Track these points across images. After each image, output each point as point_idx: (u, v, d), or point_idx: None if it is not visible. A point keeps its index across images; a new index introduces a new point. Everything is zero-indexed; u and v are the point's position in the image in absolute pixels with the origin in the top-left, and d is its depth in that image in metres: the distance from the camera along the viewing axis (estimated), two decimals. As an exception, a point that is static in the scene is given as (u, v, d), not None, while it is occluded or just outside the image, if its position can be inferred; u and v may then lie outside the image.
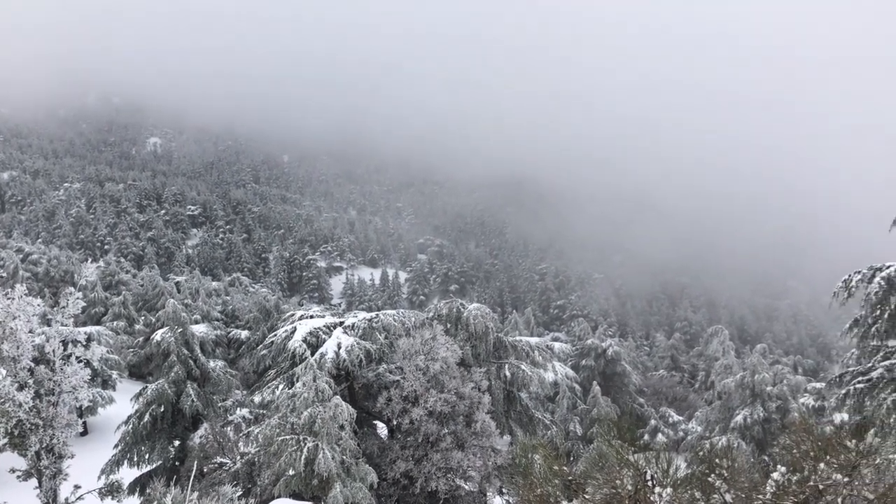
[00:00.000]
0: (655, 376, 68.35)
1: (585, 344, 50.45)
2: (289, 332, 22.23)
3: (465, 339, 24.39)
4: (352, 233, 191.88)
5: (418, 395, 20.13)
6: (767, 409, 31.47)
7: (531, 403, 32.13)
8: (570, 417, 39.33)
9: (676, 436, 44.17)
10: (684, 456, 17.87)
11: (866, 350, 14.89)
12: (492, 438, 21.05)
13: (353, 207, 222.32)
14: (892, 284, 13.21)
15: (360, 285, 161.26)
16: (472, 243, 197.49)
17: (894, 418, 12.97)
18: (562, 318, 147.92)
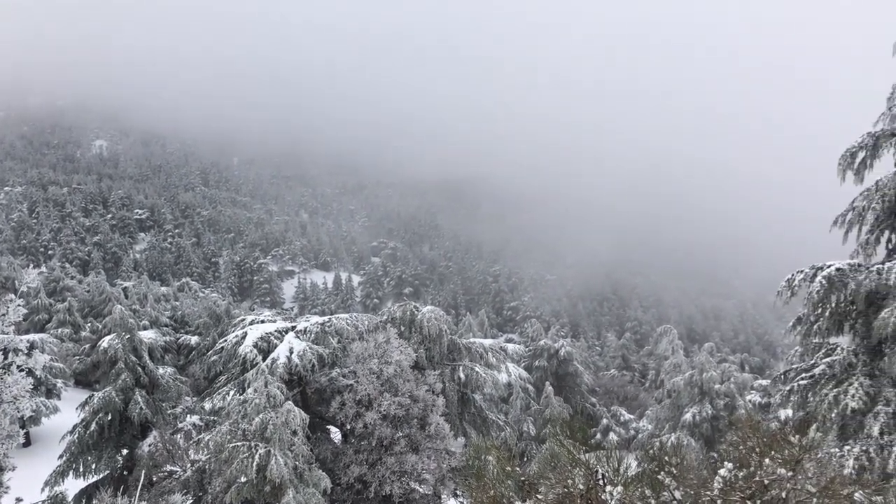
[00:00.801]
0: (607, 376, 69.23)
1: (538, 345, 50.84)
2: (239, 338, 21.94)
3: (419, 342, 24.38)
4: (304, 236, 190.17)
5: (372, 399, 20.03)
6: (715, 407, 32.10)
7: (485, 405, 32.24)
8: (524, 418, 39.57)
9: (628, 434, 44.77)
10: (635, 454, 18.09)
11: (809, 347, 15.27)
12: (446, 441, 21.05)
13: (304, 210, 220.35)
14: (833, 283, 13.59)
15: (313, 289, 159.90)
16: (425, 246, 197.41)
17: (836, 413, 13.36)
18: (515, 319, 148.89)
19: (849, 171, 14.84)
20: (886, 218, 14.22)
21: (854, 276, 13.47)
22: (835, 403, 13.30)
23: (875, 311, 13.01)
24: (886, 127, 14.65)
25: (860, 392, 13.13)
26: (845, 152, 14.90)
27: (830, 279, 13.58)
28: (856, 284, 13.33)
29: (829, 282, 13.57)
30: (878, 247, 14.62)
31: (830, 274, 13.58)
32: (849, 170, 14.84)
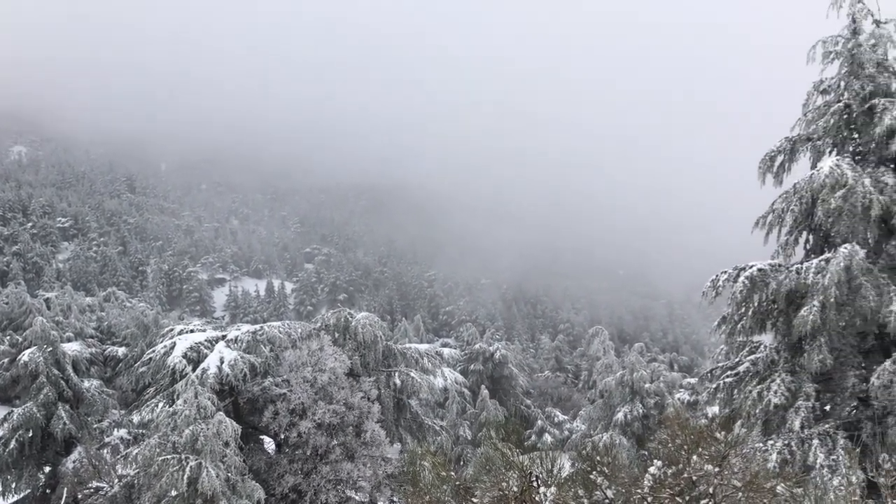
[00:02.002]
0: (541, 377, 70.06)
1: (474, 348, 51.16)
2: (168, 348, 21.39)
3: (354, 349, 24.27)
4: (235, 243, 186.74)
5: (306, 408, 19.82)
6: (646, 406, 32.81)
7: (421, 410, 32.23)
8: (460, 422, 39.70)
9: (562, 435, 45.35)
10: (569, 454, 18.34)
11: (734, 346, 15.75)
12: (382, 447, 20.98)
13: (235, 217, 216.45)
14: (755, 283, 14.04)
15: (245, 297, 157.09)
16: (360, 251, 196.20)
17: (759, 409, 13.81)
18: (451, 323, 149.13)
19: (768, 174, 15.40)
20: (804, 219, 14.77)
21: (775, 276, 13.95)
22: (758, 400, 13.73)
23: (795, 310, 13.48)
24: (803, 132, 15.25)
25: (782, 388, 13.59)
26: (765, 156, 15.45)
27: (752, 279, 14.03)
28: (776, 284, 13.80)
29: (752, 282, 14.02)
30: (797, 247, 15.19)
31: (752, 274, 14.04)
32: (768, 173, 15.40)
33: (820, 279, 12.78)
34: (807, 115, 15.20)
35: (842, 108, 14.70)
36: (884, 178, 13.62)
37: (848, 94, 14.71)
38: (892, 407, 12.63)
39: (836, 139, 14.90)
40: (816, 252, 14.63)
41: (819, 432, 13.03)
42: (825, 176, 13.21)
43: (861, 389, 13.34)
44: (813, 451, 12.63)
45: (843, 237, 13.43)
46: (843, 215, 13.32)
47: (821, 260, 13.17)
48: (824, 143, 14.91)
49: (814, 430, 13.11)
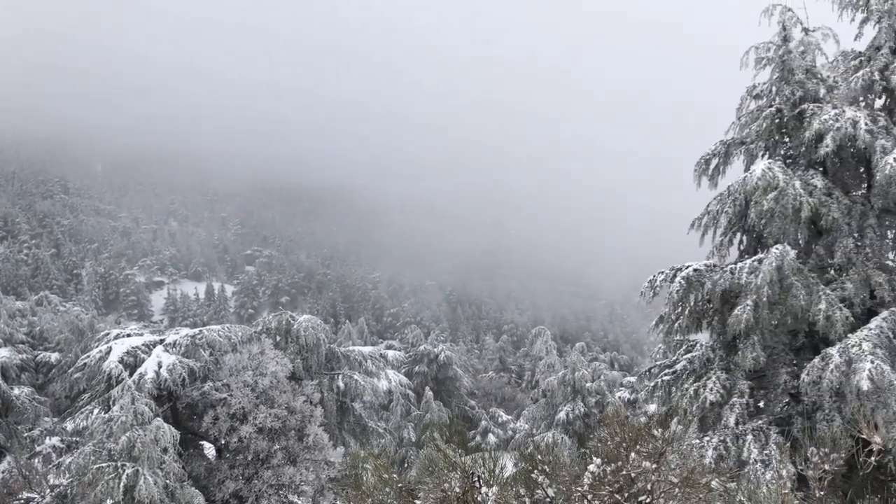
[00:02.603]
0: (485, 378, 70.48)
1: (418, 350, 51.20)
2: (104, 353, 20.85)
3: (296, 352, 24.13)
4: (173, 245, 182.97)
5: (247, 412, 19.56)
6: (587, 404, 33.30)
7: (365, 413, 32.12)
8: (404, 424, 39.66)
9: (506, 435, 45.69)
10: (513, 454, 18.48)
11: (671, 344, 16.09)
12: (325, 451, 20.86)
13: (174, 218, 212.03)
14: (691, 283, 14.37)
15: (184, 300, 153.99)
16: (303, 254, 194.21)
17: (696, 406, 14.14)
18: (396, 325, 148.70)
19: (704, 176, 15.79)
20: (738, 221, 15.18)
21: (710, 276, 14.30)
22: (695, 397, 14.06)
23: (729, 309, 13.83)
24: (736, 136, 15.67)
25: (717, 385, 13.93)
26: (700, 159, 15.84)
27: (689, 279, 14.36)
28: (712, 284, 14.15)
29: (688, 282, 14.34)
30: (732, 248, 15.61)
31: (689, 274, 14.36)
32: (704, 175, 15.78)
33: (753, 279, 13.13)
34: (740, 119, 15.63)
35: (773, 113, 15.15)
36: (813, 180, 14.09)
37: (779, 99, 15.18)
38: (821, 402, 13.06)
39: (768, 143, 15.35)
40: (750, 252, 15.04)
41: (753, 428, 13.40)
42: (758, 178, 13.59)
43: (792, 386, 13.76)
44: (747, 447, 12.98)
45: (775, 238, 13.83)
46: (775, 217, 13.72)
47: (754, 260, 13.54)
48: (757, 147, 15.35)
49: (748, 426, 13.48)
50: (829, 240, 14.16)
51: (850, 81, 14.38)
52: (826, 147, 13.51)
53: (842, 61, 15.46)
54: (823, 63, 15.80)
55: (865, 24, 15.02)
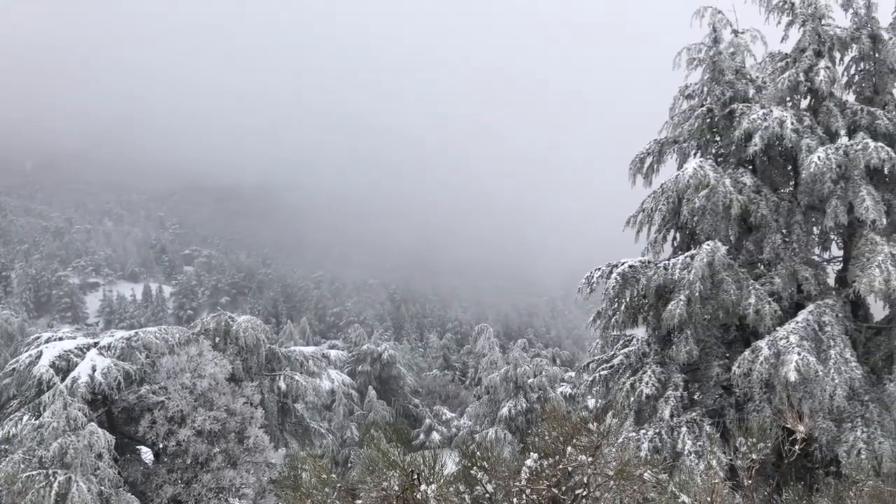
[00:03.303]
0: (429, 376, 70.62)
1: (361, 349, 50.99)
2: (34, 357, 20.21)
3: (236, 353, 23.89)
4: (109, 245, 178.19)
5: (185, 415, 19.21)
6: (529, 400, 33.65)
7: (307, 414, 31.87)
8: (347, 424, 39.50)
9: (450, 432, 45.84)
10: (457, 451, 18.57)
11: (609, 339, 16.39)
12: (266, 453, 20.65)
13: (109, 218, 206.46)
14: (627, 280, 14.67)
15: (120, 302, 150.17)
16: (243, 253, 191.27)
17: (633, 400, 14.44)
18: (339, 325, 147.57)
19: (638, 175, 16.14)
20: (671, 218, 15.56)
21: (645, 272, 14.62)
22: (632, 391, 14.36)
23: (664, 304, 14.17)
24: (669, 135, 16.06)
25: (653, 379, 14.26)
26: (635, 158, 16.17)
27: (624, 276, 14.66)
28: (646, 280, 14.47)
29: (623, 278, 14.64)
30: (666, 244, 16.00)
31: (624, 271, 14.66)
32: (638, 174, 16.13)
33: (686, 275, 13.48)
34: (673, 119, 16.01)
35: (705, 113, 15.57)
36: (743, 178, 14.52)
37: (710, 98, 15.60)
38: (752, 394, 13.49)
39: (700, 142, 15.78)
40: (683, 249, 15.44)
41: (687, 420, 13.75)
42: (689, 177, 13.94)
43: (725, 378, 14.17)
44: (681, 439, 13.33)
45: (707, 234, 14.22)
46: (707, 214, 14.11)
47: (686, 256, 13.90)
48: (689, 146, 15.75)
49: (682, 418, 13.83)
50: (758, 236, 14.62)
51: (777, 82, 14.87)
52: (755, 146, 13.94)
53: (769, 62, 15.98)
54: (752, 64, 16.31)
55: (791, 26, 15.55)
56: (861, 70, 15.49)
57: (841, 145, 13.59)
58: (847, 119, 14.57)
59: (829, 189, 13.52)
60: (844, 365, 12.58)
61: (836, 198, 13.51)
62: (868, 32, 14.91)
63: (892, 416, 12.49)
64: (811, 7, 15.11)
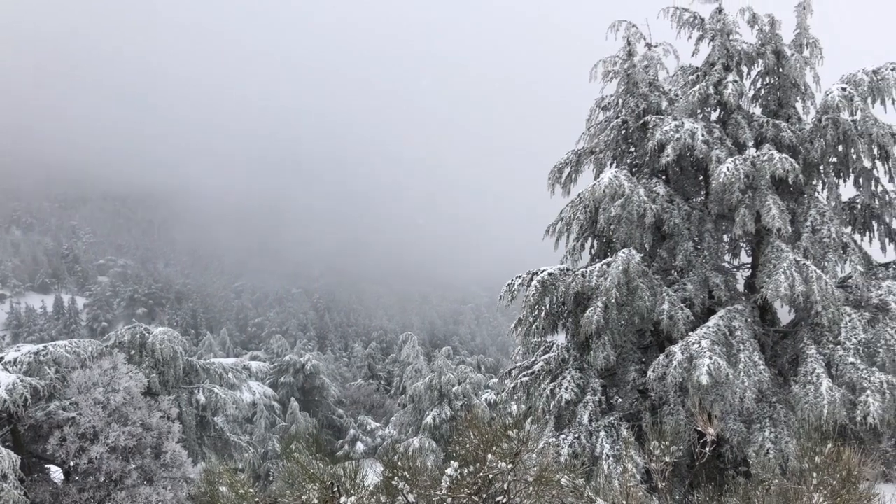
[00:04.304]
0: (354, 386, 70.09)
1: (284, 360, 50.24)
2: (-68, 375, 19.15)
3: (152, 366, 23.36)
4: (17, 255, 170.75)
5: (98, 431, 18.54)
6: (454, 408, 33.76)
7: (228, 427, 31.24)
8: (269, 436, 38.81)
9: (375, 442, 45.58)
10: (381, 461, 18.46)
11: (530, 346, 16.59)
12: (184, 468, 20.13)
13: (17, 227, 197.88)
14: (546, 287, 14.90)
15: (29, 314, 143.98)
16: (160, 263, 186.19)
17: (553, 405, 14.65)
18: (260, 335, 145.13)
19: (557, 184, 16.43)
20: (589, 226, 15.89)
21: (564, 279, 14.87)
22: (552, 396, 14.58)
23: (582, 311, 14.44)
24: (587, 145, 16.41)
25: (572, 385, 14.51)
26: (554, 167, 16.47)
27: (544, 283, 14.88)
28: (565, 287, 14.72)
29: (543, 286, 14.86)
30: (584, 252, 16.32)
31: (544, 278, 14.88)
32: (557, 183, 16.43)
33: (602, 282, 13.78)
34: (590, 130, 16.38)
35: (620, 124, 16.00)
36: (656, 188, 14.95)
37: (625, 110, 16.04)
38: (667, 397, 13.87)
39: (615, 152, 16.19)
40: (600, 256, 15.78)
41: (605, 424, 14.04)
42: (605, 186, 14.27)
43: (641, 382, 14.53)
44: (599, 443, 13.60)
45: (623, 242, 14.57)
46: (622, 222, 14.47)
47: (603, 264, 14.20)
48: (606, 156, 16.13)
49: (601, 422, 14.11)
50: (671, 244, 15.07)
51: (688, 95, 15.38)
52: (667, 156, 14.38)
53: (681, 76, 16.53)
54: (665, 77, 16.86)
55: (701, 41, 16.14)
56: (767, 84, 16.18)
57: (748, 156, 14.14)
58: (754, 131, 15.19)
59: (737, 198, 14.04)
60: (753, 368, 13.05)
61: (744, 207, 14.04)
62: (772, 48, 15.60)
63: (797, 416, 13.02)
64: (720, 23, 15.72)
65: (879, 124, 14.56)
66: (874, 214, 15.56)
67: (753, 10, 15.75)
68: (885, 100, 14.72)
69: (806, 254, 13.91)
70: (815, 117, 15.15)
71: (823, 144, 14.70)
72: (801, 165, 14.58)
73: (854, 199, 15.69)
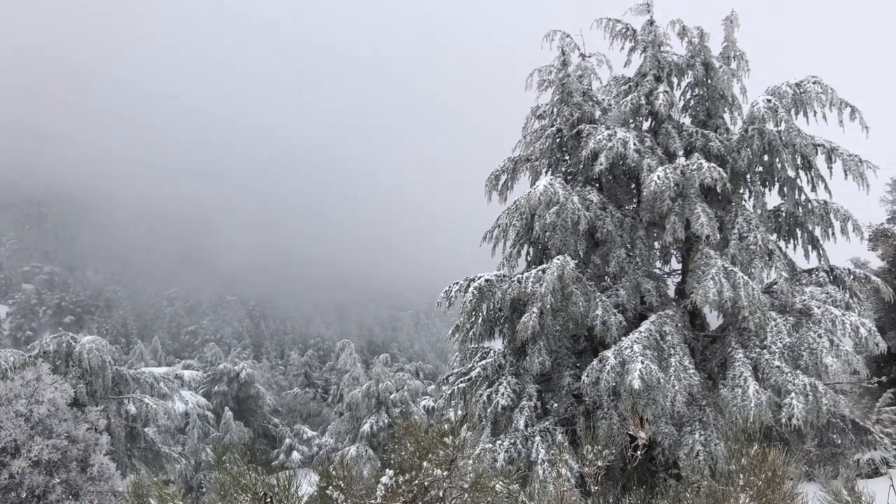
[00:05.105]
0: (290, 394, 69.22)
1: (218, 369, 49.34)
2: None
3: (79, 376, 22.67)
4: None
5: (20, 445, 17.84)
6: (391, 415, 33.62)
7: (159, 438, 30.48)
8: (202, 447, 37.99)
9: (311, 451, 45.08)
10: (316, 470, 18.24)
11: (467, 352, 16.63)
12: (112, 481, 19.51)
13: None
14: (483, 293, 14.99)
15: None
16: (90, 269, 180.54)
17: (489, 411, 14.72)
18: (194, 344, 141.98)
19: (494, 191, 16.57)
20: (525, 233, 16.04)
21: (500, 285, 14.98)
22: (488, 402, 14.64)
23: (518, 317, 14.55)
24: (523, 153, 16.59)
25: (508, 390, 14.60)
26: (491, 175, 16.60)
27: (481, 289, 14.96)
28: (502, 293, 14.83)
29: (480, 292, 14.94)
30: (520, 259, 16.46)
31: (481, 285, 14.96)
32: (494, 191, 16.56)
33: (538, 288, 13.91)
34: (526, 138, 16.57)
35: (554, 133, 16.23)
36: (590, 196, 15.20)
37: (560, 119, 16.28)
38: (601, 402, 14.07)
39: (550, 160, 16.41)
40: (536, 263, 15.94)
41: (541, 429, 14.17)
42: (540, 194, 14.43)
43: (576, 387, 14.71)
44: (535, 448, 13.71)
45: (558, 249, 14.76)
46: (557, 229, 14.65)
47: (538, 270, 14.35)
48: (541, 164, 16.34)
49: (536, 427, 14.23)
50: (604, 250, 15.33)
51: (621, 105, 15.70)
52: (601, 165, 14.64)
53: (614, 86, 16.88)
54: (598, 87, 17.19)
55: (633, 52, 16.51)
56: (696, 95, 16.65)
57: (678, 165, 14.50)
58: (684, 141, 15.59)
59: (668, 206, 14.37)
60: (684, 372, 13.35)
61: (674, 214, 14.38)
62: (702, 60, 16.05)
63: (725, 418, 13.36)
64: (651, 35, 16.10)
65: (802, 135, 15.11)
66: (798, 222, 16.14)
67: (683, 23, 16.20)
68: (807, 112, 15.30)
69: (734, 260, 14.31)
70: (742, 128, 15.64)
71: (750, 154, 15.18)
72: (729, 174, 15.02)
73: (779, 208, 16.25)
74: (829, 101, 15.06)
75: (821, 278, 15.87)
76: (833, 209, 15.68)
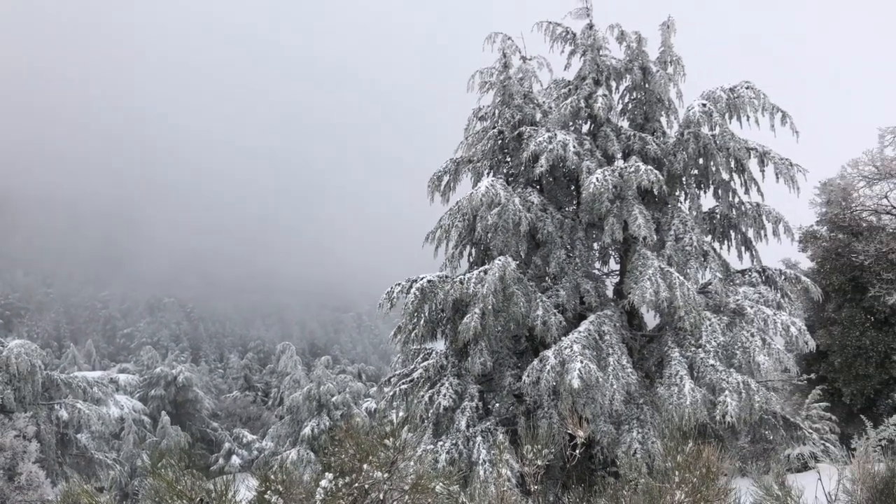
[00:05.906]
0: (230, 398, 68.01)
1: (154, 372, 48.27)
2: None
3: (6, 382, 21.85)
4: None
5: (-58, 455, 17.16)
6: (333, 418, 33.35)
7: (93, 444, 29.62)
8: (138, 452, 37.06)
9: (251, 455, 44.38)
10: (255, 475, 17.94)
11: (409, 353, 16.60)
12: (41, 490, 18.95)
13: None
14: (426, 294, 14.96)
15: None
16: (19, 271, 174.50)
17: (431, 412, 14.70)
18: (130, 347, 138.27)
19: (436, 192, 16.57)
20: (468, 234, 16.10)
21: (443, 286, 14.98)
22: (430, 403, 14.62)
23: (460, 318, 14.57)
24: (465, 154, 16.64)
25: (450, 391, 14.61)
26: (433, 176, 16.59)
27: (423, 290, 14.93)
28: (444, 294, 14.83)
29: (422, 293, 14.91)
30: (462, 259, 16.50)
31: (423, 286, 14.93)
32: (436, 191, 16.56)
33: (480, 288, 13.96)
34: (468, 139, 16.62)
35: (496, 134, 16.31)
36: (531, 197, 15.33)
37: (501, 121, 16.37)
38: (541, 401, 14.19)
39: (492, 162, 16.49)
40: (478, 264, 16.00)
41: (482, 430, 14.21)
42: (482, 195, 14.49)
43: (516, 387, 14.80)
44: (476, 448, 13.74)
45: (500, 250, 14.84)
46: (499, 230, 14.74)
47: (480, 271, 14.40)
48: (483, 165, 16.41)
49: (478, 427, 14.27)
50: (545, 251, 15.48)
51: (561, 107, 15.88)
52: (541, 167, 14.77)
53: (555, 89, 17.06)
54: (539, 89, 17.34)
55: (573, 56, 16.72)
56: (634, 99, 16.94)
57: (616, 168, 14.72)
58: (622, 143, 15.84)
59: (606, 208, 14.58)
60: (622, 371, 13.55)
61: (612, 216, 14.59)
62: (639, 65, 16.34)
63: (662, 416, 13.61)
64: (590, 38, 16.32)
65: (736, 139, 15.52)
66: (732, 224, 16.57)
67: (622, 28, 16.47)
68: (741, 116, 15.71)
69: (670, 261, 14.61)
70: (678, 131, 15.97)
71: (686, 157, 15.51)
72: (666, 177, 15.32)
73: (714, 210, 16.65)
74: (762, 106, 15.49)
75: (754, 279, 16.32)
76: (765, 211, 16.14)
